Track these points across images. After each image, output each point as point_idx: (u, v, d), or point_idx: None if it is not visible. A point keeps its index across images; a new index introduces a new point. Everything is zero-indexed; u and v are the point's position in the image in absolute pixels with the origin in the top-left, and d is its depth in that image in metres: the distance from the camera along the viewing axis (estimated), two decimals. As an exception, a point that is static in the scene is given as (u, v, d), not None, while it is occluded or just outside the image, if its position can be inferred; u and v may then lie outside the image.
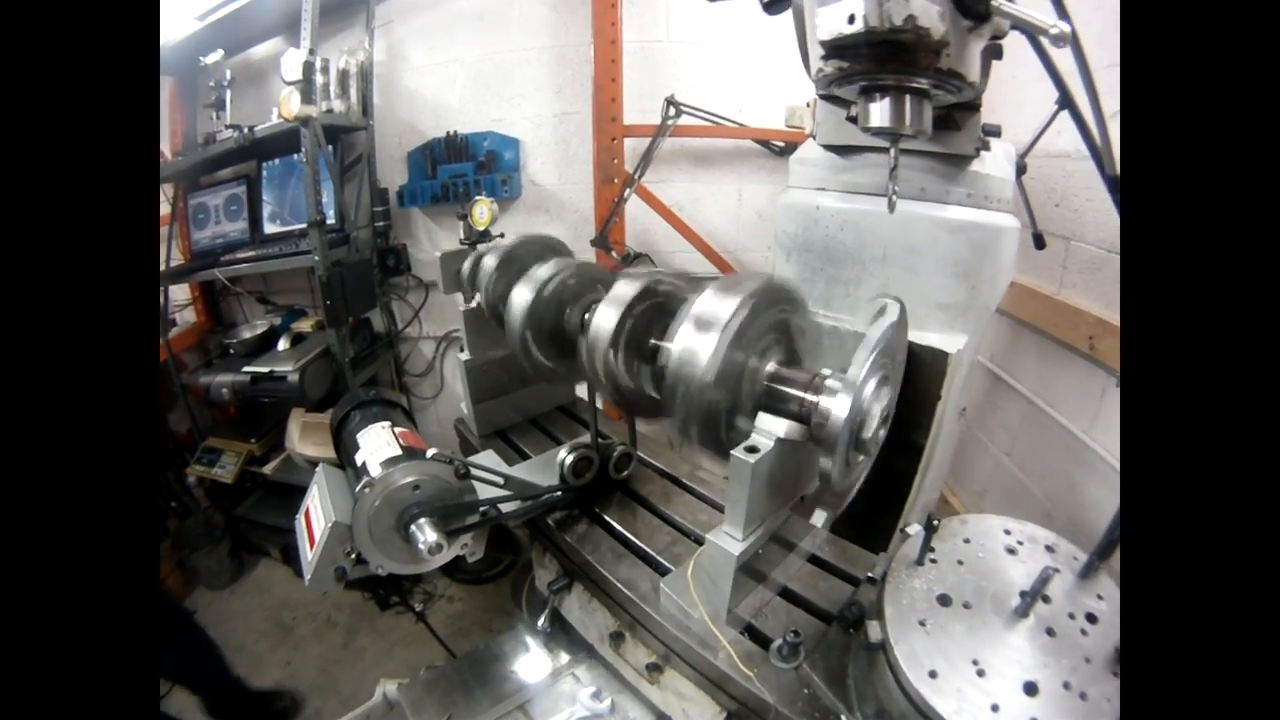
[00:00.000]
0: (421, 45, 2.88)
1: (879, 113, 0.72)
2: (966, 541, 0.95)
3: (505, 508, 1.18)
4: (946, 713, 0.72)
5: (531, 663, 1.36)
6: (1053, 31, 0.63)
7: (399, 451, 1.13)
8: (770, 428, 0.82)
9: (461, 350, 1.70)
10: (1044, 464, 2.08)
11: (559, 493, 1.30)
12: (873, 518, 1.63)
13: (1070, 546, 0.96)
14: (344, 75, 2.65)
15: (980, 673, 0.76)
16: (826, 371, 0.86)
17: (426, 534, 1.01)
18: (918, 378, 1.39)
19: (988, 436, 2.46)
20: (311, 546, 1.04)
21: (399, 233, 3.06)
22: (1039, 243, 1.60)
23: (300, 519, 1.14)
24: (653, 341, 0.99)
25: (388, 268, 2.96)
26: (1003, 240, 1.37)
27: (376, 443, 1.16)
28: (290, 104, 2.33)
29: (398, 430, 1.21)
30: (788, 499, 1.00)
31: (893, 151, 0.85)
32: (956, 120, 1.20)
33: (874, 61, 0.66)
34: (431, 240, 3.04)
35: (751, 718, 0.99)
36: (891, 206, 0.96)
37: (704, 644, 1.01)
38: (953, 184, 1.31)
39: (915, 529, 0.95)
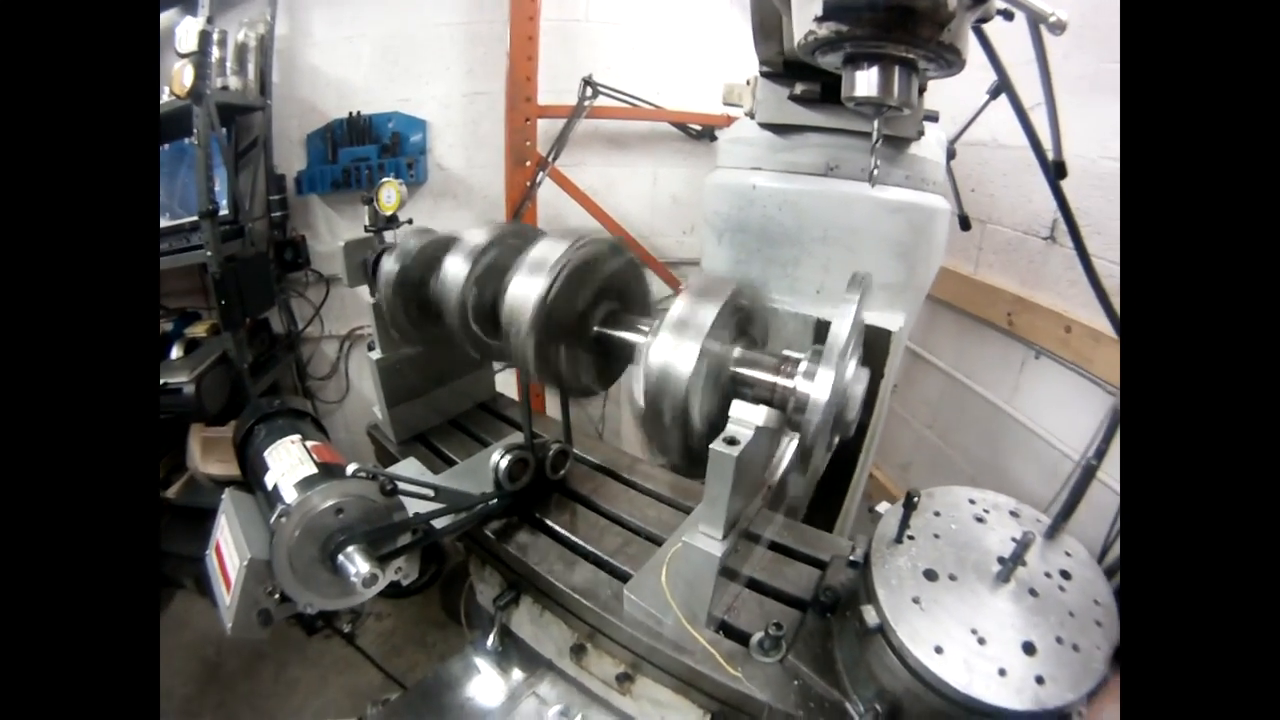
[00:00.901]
0: (326, 18, 2.63)
1: (865, 82, 0.69)
2: (937, 515, 0.96)
3: (439, 522, 1.09)
4: (960, 685, 0.72)
5: (486, 686, 1.27)
6: (1051, 19, 0.62)
7: (314, 470, 1.01)
8: (748, 416, 0.78)
9: (371, 349, 1.55)
10: (966, 435, 2.22)
11: (494, 500, 1.21)
12: (820, 498, 1.66)
13: (1031, 510, 1.00)
14: (242, 49, 2.40)
15: (981, 640, 0.77)
16: (794, 354, 0.82)
17: (357, 564, 0.92)
18: (867, 357, 1.40)
19: (908, 411, 2.60)
20: (228, 588, 0.93)
21: (297, 223, 2.76)
22: (964, 224, 1.69)
23: (210, 555, 1.03)
24: (600, 330, 0.93)
25: (286, 262, 2.66)
26: (937, 221, 1.41)
27: (288, 461, 1.04)
28: (184, 79, 2.06)
29: (309, 444, 1.10)
30: (758, 490, 0.97)
31: (876, 124, 0.83)
32: (896, 100, 1.21)
33: (878, 27, 0.62)
34: (332, 231, 2.76)
35: (738, 715, 0.94)
36: (873, 182, 0.94)
37: (679, 648, 0.96)
38: (893, 165, 1.33)
39: (886, 507, 0.95)
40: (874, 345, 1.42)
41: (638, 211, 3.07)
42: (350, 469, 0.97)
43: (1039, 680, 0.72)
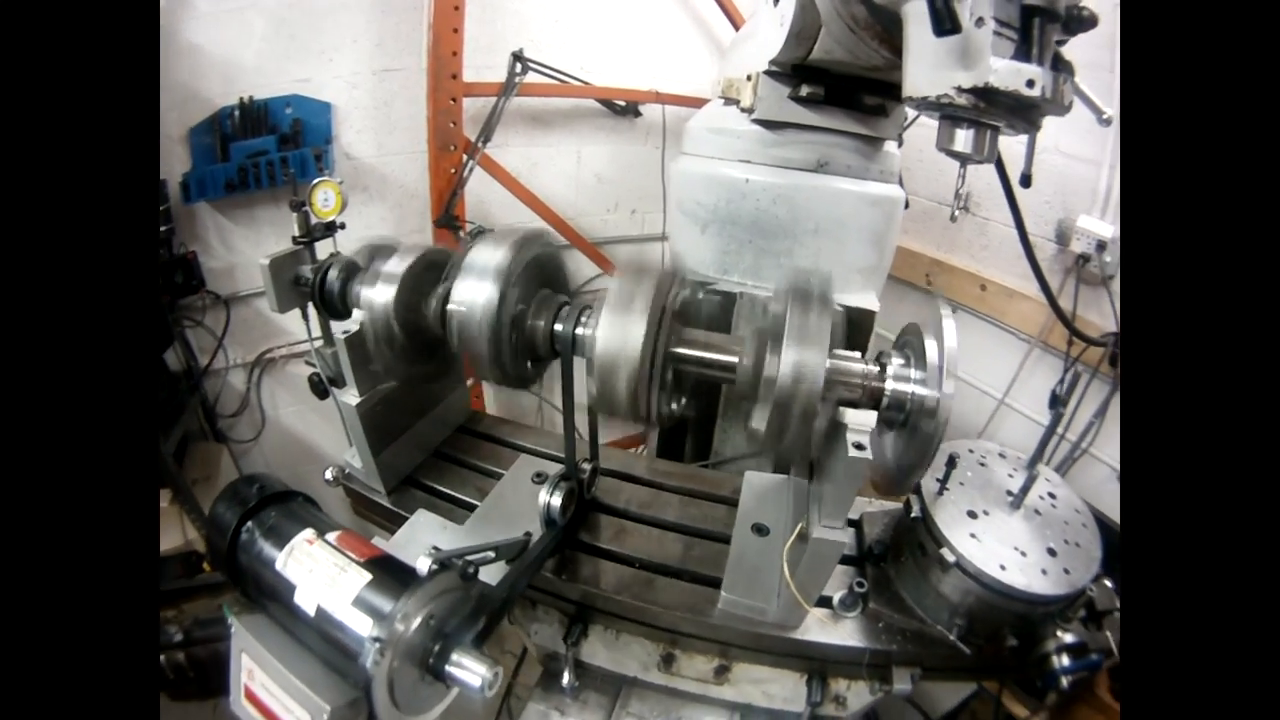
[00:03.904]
0: (207, -16, 2.15)
1: (963, 139, 0.81)
2: (953, 466, 1.17)
3: (496, 576, 1.02)
4: (1023, 587, 0.98)
5: (576, 724, 1.20)
6: (1105, 116, 0.77)
7: (366, 574, 0.85)
8: (864, 422, 0.89)
9: (323, 385, 1.36)
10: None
11: (550, 538, 1.15)
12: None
13: (1012, 451, 1.27)
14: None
15: (1023, 553, 1.03)
16: (886, 360, 0.95)
17: (473, 668, 0.81)
18: (852, 336, 1.59)
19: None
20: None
21: (185, 237, 2.32)
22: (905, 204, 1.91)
23: (241, 703, 0.89)
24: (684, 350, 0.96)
25: (175, 285, 2.25)
26: (898, 209, 1.62)
27: (321, 571, 0.87)
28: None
29: (331, 538, 0.93)
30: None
31: (962, 172, 0.94)
32: (886, 109, 1.36)
33: (1008, 110, 0.73)
34: (226, 243, 2.38)
35: (834, 667, 1.13)
36: (953, 216, 1.07)
37: (782, 627, 1.09)
38: (871, 162, 1.51)
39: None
40: (859, 325, 1.62)
41: (562, 192, 3.02)
42: (423, 567, 0.85)
43: (1066, 571, 1.01)
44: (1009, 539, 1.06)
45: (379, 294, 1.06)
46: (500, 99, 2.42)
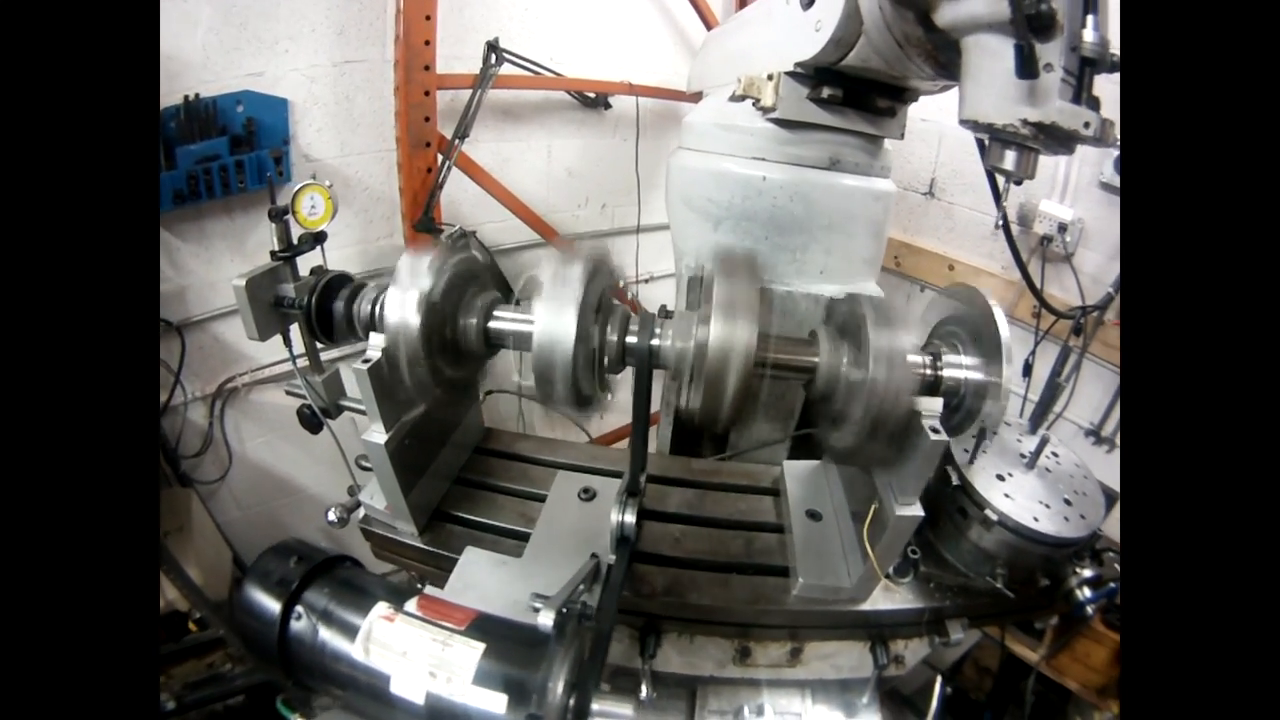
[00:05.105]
0: (151, -26, 1.88)
1: (1011, 159, 0.93)
2: (974, 437, 1.31)
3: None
4: (1054, 532, 1.16)
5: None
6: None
7: (473, 644, 0.77)
8: (935, 408, 1.00)
9: (323, 417, 1.28)
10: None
11: (625, 556, 1.14)
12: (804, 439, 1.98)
13: (1016, 419, 1.43)
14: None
15: (1046, 505, 1.21)
16: (939, 351, 1.05)
17: (619, 712, 0.78)
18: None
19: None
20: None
21: None
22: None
23: None
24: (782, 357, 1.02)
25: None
26: (892, 201, 1.73)
27: (419, 653, 0.77)
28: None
29: (413, 608, 0.84)
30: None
31: (1003, 184, 1.04)
32: (894, 110, 1.46)
33: (1056, 140, 0.83)
34: (174, 263, 2.15)
35: (894, 630, 1.26)
36: (996, 228, 1.17)
37: (854, 600, 1.20)
38: (874, 159, 1.62)
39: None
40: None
41: (533, 188, 2.97)
42: (547, 622, 0.77)
43: (1082, 517, 1.20)
44: (1034, 495, 1.23)
45: (412, 313, 0.97)
46: (476, 91, 2.33)
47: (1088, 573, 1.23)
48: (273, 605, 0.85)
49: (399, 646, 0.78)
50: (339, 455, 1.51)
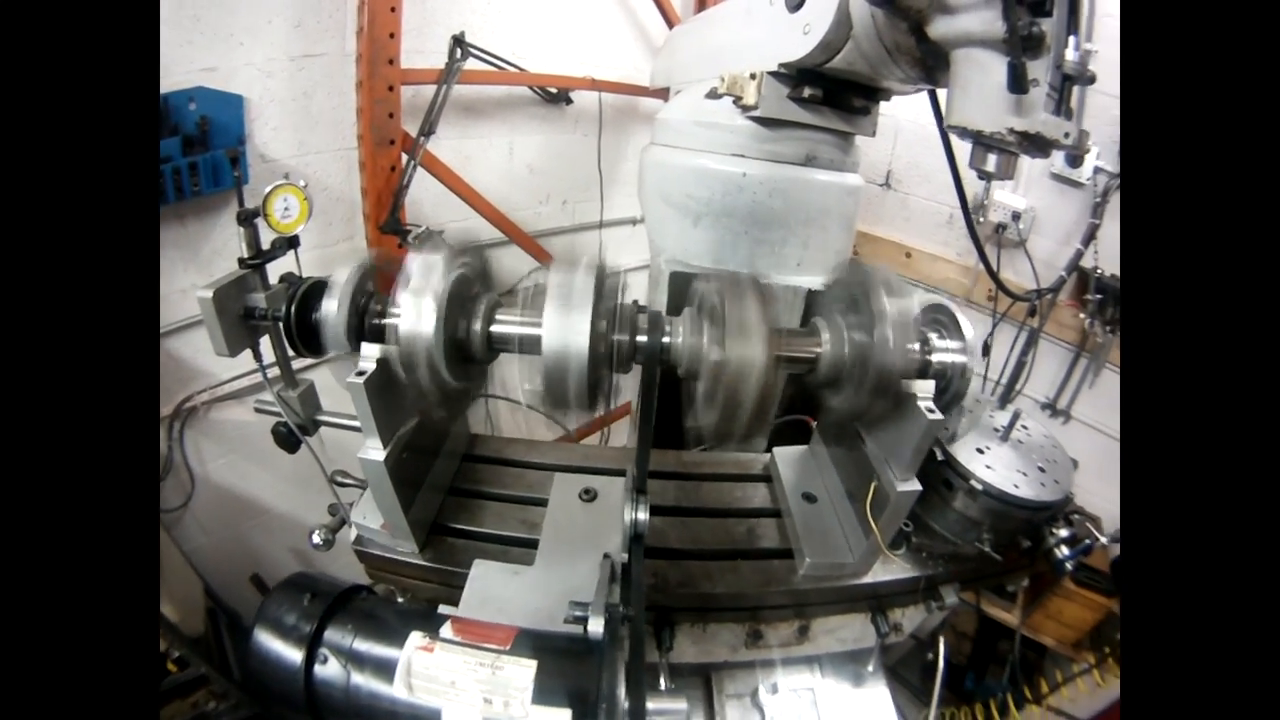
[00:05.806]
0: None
1: (993, 162, 1.01)
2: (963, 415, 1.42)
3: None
4: (1034, 497, 1.26)
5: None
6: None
7: (529, 663, 0.74)
8: (928, 389, 1.07)
9: (300, 434, 1.23)
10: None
11: (639, 553, 1.13)
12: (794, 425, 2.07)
13: (984, 395, 1.54)
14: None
15: (1024, 474, 1.31)
16: (927, 337, 1.13)
17: (672, 707, 0.81)
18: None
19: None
20: None
21: None
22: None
23: None
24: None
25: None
26: (861, 194, 1.83)
27: (467, 681, 0.73)
28: None
29: (451, 633, 0.81)
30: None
31: (986, 186, 1.11)
32: (869, 108, 1.53)
33: (1037, 146, 0.91)
34: None
35: (892, 600, 1.34)
36: (973, 217, 1.25)
37: (857, 574, 1.27)
38: (847, 155, 1.69)
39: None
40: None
41: (496, 185, 2.92)
42: (597, 629, 0.77)
43: (1056, 482, 1.31)
44: (1011, 464, 1.33)
45: (423, 321, 0.94)
46: (441, 87, 2.27)
47: (1063, 533, 1.34)
48: (293, 655, 0.79)
49: (445, 677, 0.74)
50: (306, 472, 1.43)
